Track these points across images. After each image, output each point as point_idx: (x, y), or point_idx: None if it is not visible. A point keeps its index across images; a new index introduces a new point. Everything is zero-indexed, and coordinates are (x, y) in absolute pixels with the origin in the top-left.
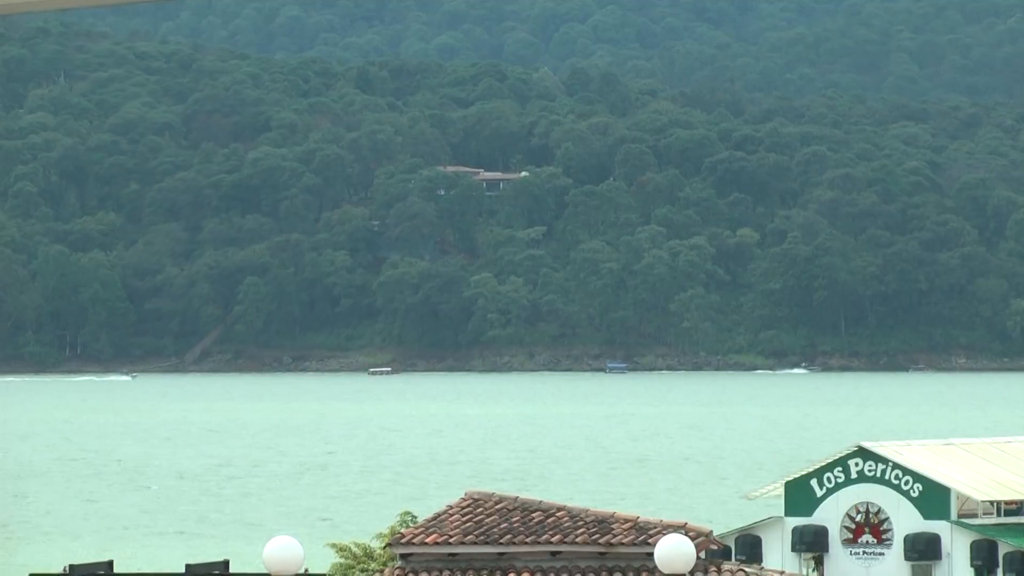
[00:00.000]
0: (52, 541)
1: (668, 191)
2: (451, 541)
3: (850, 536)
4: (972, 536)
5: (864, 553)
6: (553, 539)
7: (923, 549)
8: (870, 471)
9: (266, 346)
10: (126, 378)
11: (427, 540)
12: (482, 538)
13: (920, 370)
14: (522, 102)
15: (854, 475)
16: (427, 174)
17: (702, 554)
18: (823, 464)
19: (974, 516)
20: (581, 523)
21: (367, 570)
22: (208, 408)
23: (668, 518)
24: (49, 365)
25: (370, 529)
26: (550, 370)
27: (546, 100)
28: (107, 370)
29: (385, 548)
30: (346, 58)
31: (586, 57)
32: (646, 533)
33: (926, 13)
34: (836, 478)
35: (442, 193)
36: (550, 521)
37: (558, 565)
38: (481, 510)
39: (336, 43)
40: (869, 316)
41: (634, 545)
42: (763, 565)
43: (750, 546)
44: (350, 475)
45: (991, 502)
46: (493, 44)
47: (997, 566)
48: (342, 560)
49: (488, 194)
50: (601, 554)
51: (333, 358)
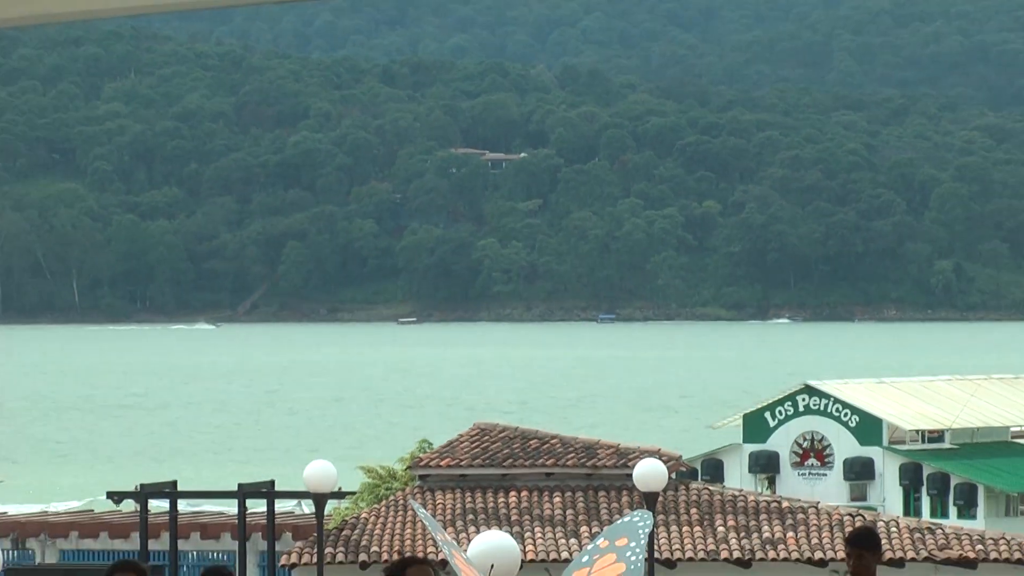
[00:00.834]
0: (125, 464)
1: (644, 169)
2: (461, 464)
3: (798, 460)
4: (900, 460)
5: (810, 474)
6: (547, 463)
7: (859, 470)
8: (815, 405)
9: (305, 299)
10: (210, 327)
11: (441, 464)
12: (488, 462)
13: (860, 320)
14: (521, 94)
15: (801, 409)
16: (441, 155)
17: (673, 475)
18: (775, 399)
19: (902, 443)
20: (571, 449)
21: (391, 489)
22: (271, 351)
23: (644, 445)
24: (122, 316)
25: (393, 454)
26: (545, 320)
27: (542, 92)
28: (171, 320)
29: (406, 470)
30: (372, 57)
31: (576, 56)
32: (626, 457)
33: (863, 18)
34: (786, 411)
35: (454, 171)
36: (545, 447)
37: (551, 484)
38: (487, 438)
39: (363, 44)
40: (814, 274)
41: (616, 467)
42: (724, 484)
43: (713, 468)
44: (377, 408)
45: (916, 431)
46: (496, 45)
47: (922, 484)
48: (369, 480)
49: (492, 172)
50: (588, 475)
51: (362, 310)
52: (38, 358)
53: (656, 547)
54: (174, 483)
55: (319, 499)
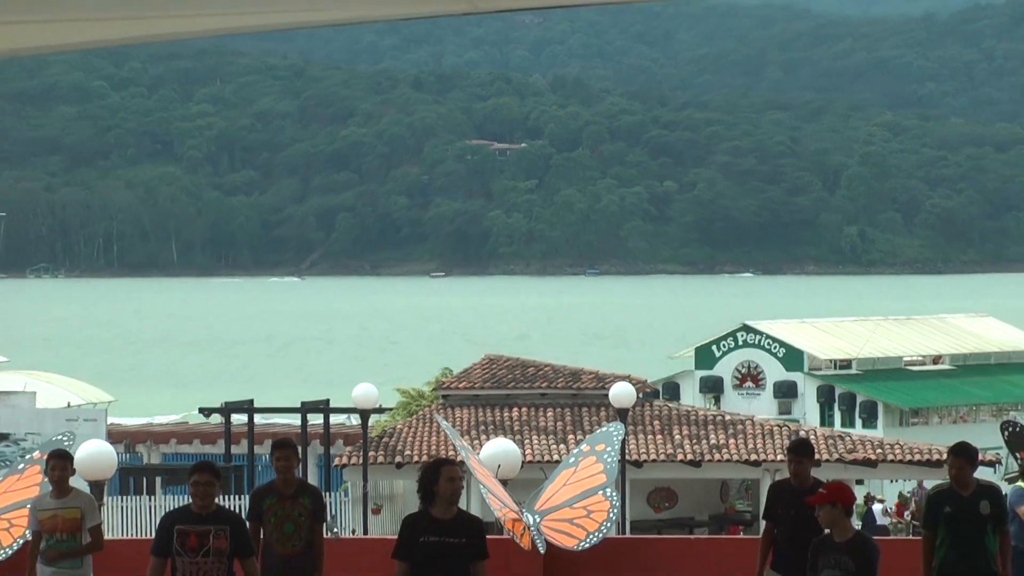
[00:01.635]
0: (213, 387)
1: (617, 157)
2: (475, 387)
3: (738, 382)
4: (817, 383)
5: (747, 394)
6: (542, 385)
7: (785, 391)
8: (751, 340)
9: (353, 258)
10: (297, 279)
11: (459, 386)
12: (495, 385)
13: (786, 274)
14: (521, 98)
15: (740, 343)
16: (459, 145)
17: (640, 395)
18: (720, 336)
19: (819, 370)
20: (560, 375)
21: (420, 406)
22: (329, 299)
23: (618, 371)
24: (210, 271)
25: (422, 379)
26: (541, 275)
27: (537, 96)
28: (248, 274)
29: (432, 391)
30: (405, 68)
31: (564, 68)
32: (603, 381)
33: (788, 38)
34: (728, 345)
35: (469, 158)
36: (540, 373)
37: (545, 402)
38: (495, 366)
39: (398, 58)
40: (750, 238)
41: (595, 389)
42: (680, 402)
43: (671, 389)
44: (410, 343)
45: (830, 360)
46: (502, 59)
47: (834, 402)
48: (403, 399)
49: (499, 158)
50: (573, 395)
51: (397, 266)
52: (145, 304)
53: (627, 451)
54: (251, 401)
55: (364, 414)
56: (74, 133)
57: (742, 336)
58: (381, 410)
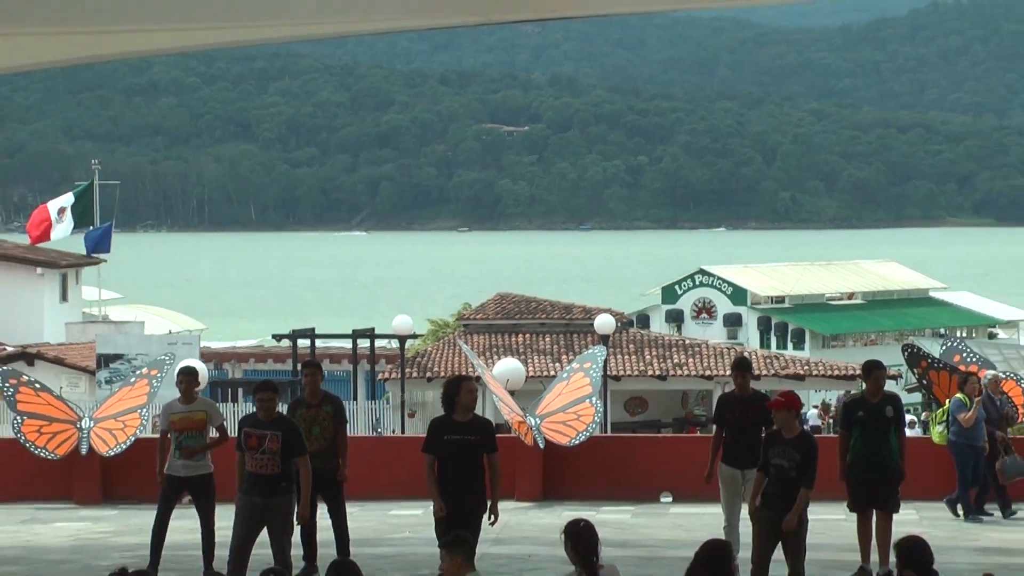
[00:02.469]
0: (283, 317)
1: (601, 137)
2: (488, 318)
3: (695, 314)
4: (758, 314)
5: (702, 323)
6: (542, 317)
7: (733, 321)
8: (706, 281)
9: (393, 218)
10: (363, 233)
11: (476, 317)
12: (505, 316)
13: (733, 229)
14: (525, 91)
15: (697, 283)
16: (475, 128)
17: (619, 324)
18: (681, 278)
19: (759, 304)
20: (556, 308)
21: (445, 333)
22: (376, 250)
23: (601, 305)
24: (281, 228)
25: (447, 311)
26: (541, 230)
27: (538, 90)
28: (311, 230)
29: (455, 321)
30: (432, 68)
31: (559, 67)
32: (590, 313)
33: (735, 43)
34: (688, 285)
35: (484, 138)
36: (540, 307)
37: (544, 330)
38: (505, 301)
39: (427, 60)
40: (705, 201)
41: (583, 320)
42: (650, 329)
43: (643, 320)
44: (439, 282)
45: (768, 297)
46: (509, 61)
47: (771, 329)
48: (432, 327)
49: (508, 138)
50: (566, 324)
51: (428, 223)
52: (229, 253)
53: (608, 368)
54: (313, 329)
55: (401, 339)
56: (173, 119)
57: (698, 278)
58: (415, 336)
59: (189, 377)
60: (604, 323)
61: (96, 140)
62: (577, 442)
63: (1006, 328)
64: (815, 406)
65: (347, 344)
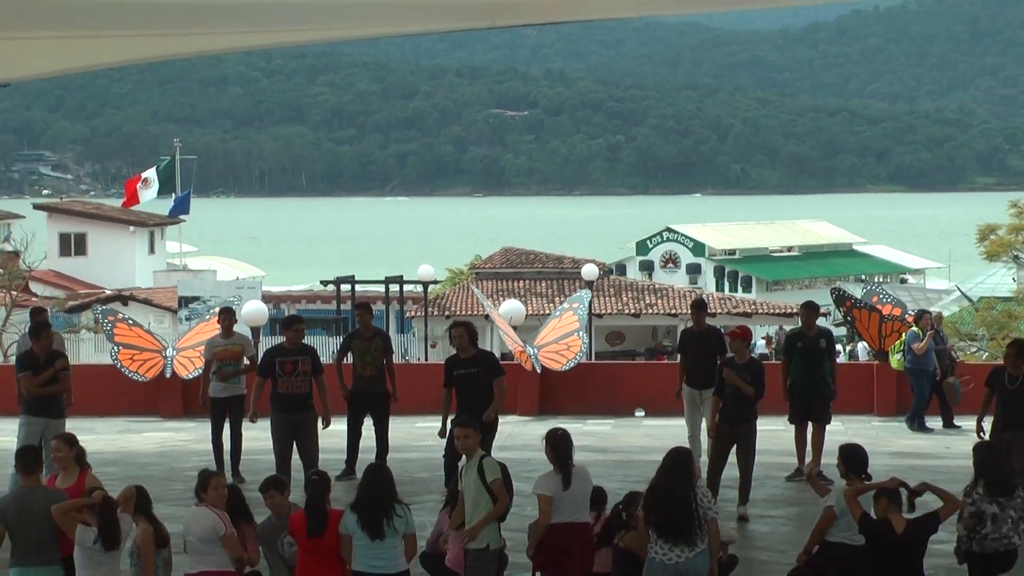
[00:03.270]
0: (329, 265)
1: (586, 120)
2: (495, 267)
3: (663, 264)
4: (714, 264)
5: (669, 271)
6: (538, 266)
7: (694, 269)
8: (672, 237)
9: (418, 186)
10: (394, 198)
11: (486, 266)
12: (509, 265)
13: (694, 195)
14: (525, 82)
15: (665, 239)
16: (485, 113)
17: (601, 272)
18: (652, 234)
19: (715, 256)
20: (551, 259)
21: (461, 279)
22: (407, 211)
23: (587, 257)
24: (328, 193)
25: (462, 261)
26: (538, 195)
27: (535, 81)
28: (352, 195)
29: (469, 269)
30: (449, 64)
31: (553, 63)
32: (578, 263)
33: (696, 43)
34: (657, 240)
35: (491, 121)
36: (538, 258)
37: (540, 277)
38: (509, 254)
39: (445, 58)
40: (670, 172)
41: (572, 268)
42: (626, 276)
43: (621, 268)
44: (457, 236)
45: (723, 250)
46: (512, 57)
47: (724, 276)
48: (450, 275)
49: (511, 121)
50: (559, 272)
51: (448, 190)
52: (286, 214)
53: (592, 307)
54: (353, 276)
55: (425, 284)
56: (239, 104)
57: (666, 235)
58: (436, 282)
59: (227, 316)
60: (589, 271)
61: (177, 122)
62: (567, 368)
63: (914, 275)
64: (763, 337)
65: (381, 288)
